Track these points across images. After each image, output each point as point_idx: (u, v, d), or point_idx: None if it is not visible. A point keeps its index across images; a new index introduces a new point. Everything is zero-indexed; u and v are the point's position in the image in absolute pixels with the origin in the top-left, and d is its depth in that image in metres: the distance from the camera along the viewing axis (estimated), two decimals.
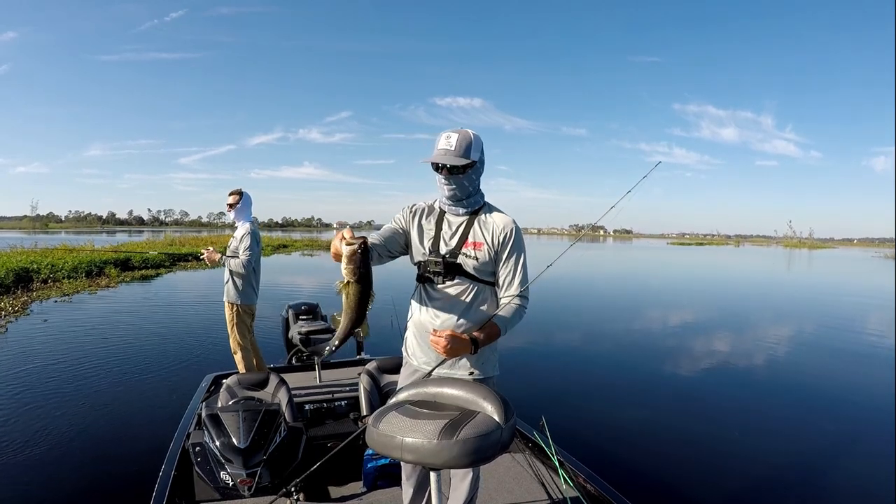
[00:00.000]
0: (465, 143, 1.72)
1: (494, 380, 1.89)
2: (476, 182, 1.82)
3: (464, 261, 1.78)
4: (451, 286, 1.79)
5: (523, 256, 1.83)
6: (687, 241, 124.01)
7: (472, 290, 1.79)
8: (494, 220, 1.81)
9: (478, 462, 1.38)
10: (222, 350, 6.33)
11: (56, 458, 3.62)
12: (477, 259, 1.78)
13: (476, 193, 1.84)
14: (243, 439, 2.36)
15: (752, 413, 5.15)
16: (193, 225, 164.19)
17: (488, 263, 1.79)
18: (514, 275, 1.81)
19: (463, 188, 1.77)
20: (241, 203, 4.15)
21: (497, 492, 2.37)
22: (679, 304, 13.38)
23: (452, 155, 1.70)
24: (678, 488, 3.54)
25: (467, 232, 1.80)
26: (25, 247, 18.13)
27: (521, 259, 1.81)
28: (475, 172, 1.78)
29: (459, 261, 1.78)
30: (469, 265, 1.78)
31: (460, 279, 1.79)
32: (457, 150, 1.70)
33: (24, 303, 10.16)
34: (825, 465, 4.08)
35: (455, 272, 1.78)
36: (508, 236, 1.79)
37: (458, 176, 1.74)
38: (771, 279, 23.16)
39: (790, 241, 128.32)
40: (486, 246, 1.78)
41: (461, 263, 1.78)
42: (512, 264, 1.80)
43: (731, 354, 7.63)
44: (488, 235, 1.79)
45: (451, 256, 1.79)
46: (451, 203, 1.82)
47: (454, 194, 1.78)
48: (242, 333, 4.13)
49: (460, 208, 1.82)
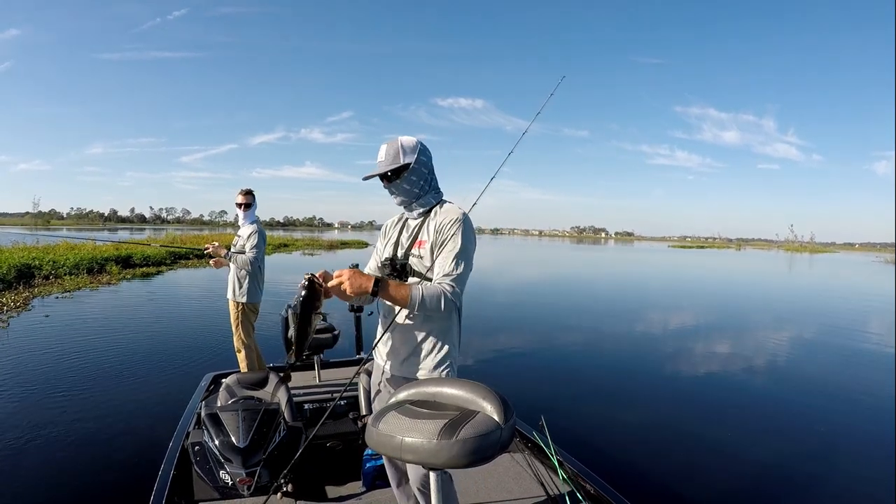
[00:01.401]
0: (392, 151, 1.81)
1: None
2: (420, 183, 1.86)
3: (413, 261, 1.83)
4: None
5: (459, 245, 1.75)
6: (688, 244, 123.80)
7: None
8: (439, 216, 1.83)
9: (478, 462, 1.38)
10: (222, 349, 6.35)
11: (55, 457, 3.63)
12: (422, 257, 1.82)
13: (426, 194, 1.88)
14: (243, 439, 2.35)
15: (750, 414, 5.15)
16: (195, 223, 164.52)
17: (432, 258, 1.80)
18: (445, 261, 1.74)
19: (407, 192, 1.85)
20: (253, 204, 4.17)
21: (497, 491, 2.37)
22: (679, 306, 13.38)
23: (384, 164, 1.81)
24: (678, 488, 3.54)
25: (418, 233, 1.86)
26: (27, 243, 18.16)
27: (455, 248, 1.75)
28: (415, 174, 1.83)
29: (410, 262, 1.84)
30: (417, 265, 1.83)
31: (413, 280, 1.82)
32: (386, 159, 1.81)
33: (26, 298, 10.19)
34: (824, 466, 4.07)
35: (406, 273, 1.83)
36: (447, 226, 1.78)
37: (395, 182, 1.83)
38: (770, 283, 23.13)
39: (791, 244, 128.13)
40: (428, 242, 1.82)
41: (411, 264, 1.83)
42: (446, 251, 1.76)
43: (730, 356, 7.62)
44: (432, 231, 1.82)
45: (403, 258, 1.85)
46: (404, 208, 1.91)
47: (402, 200, 1.88)
48: (247, 332, 4.13)
49: (414, 211, 1.89)
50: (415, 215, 1.90)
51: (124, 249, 18.11)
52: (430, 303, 1.69)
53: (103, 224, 74.39)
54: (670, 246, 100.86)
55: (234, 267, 4.07)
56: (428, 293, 1.70)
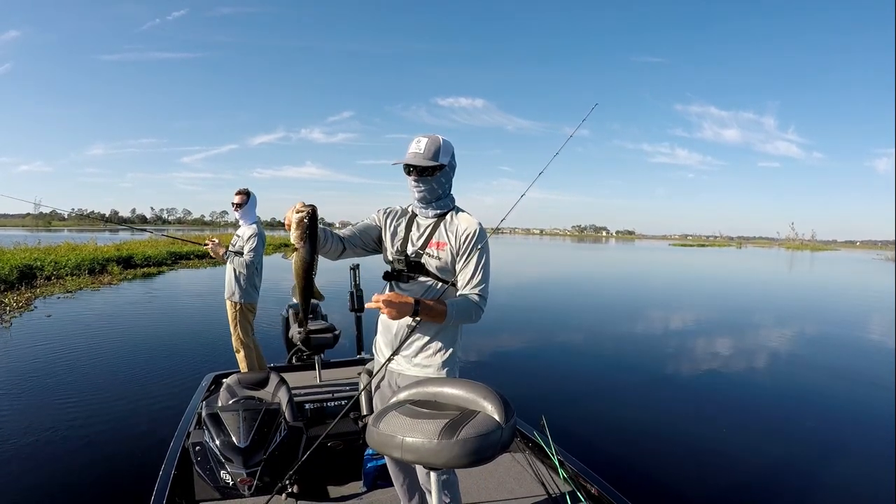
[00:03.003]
0: (433, 147, 1.78)
1: None
2: (446, 185, 1.88)
3: (427, 260, 1.84)
4: (416, 284, 1.84)
5: (485, 258, 1.84)
6: (689, 243, 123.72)
7: (435, 289, 1.84)
8: (459, 223, 1.86)
9: (478, 462, 1.38)
10: (223, 349, 6.34)
11: (56, 456, 3.63)
12: (439, 259, 1.83)
13: (445, 197, 1.89)
14: (243, 439, 2.35)
15: (751, 413, 5.14)
16: (196, 224, 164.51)
17: (451, 263, 1.83)
18: (473, 274, 1.82)
19: (432, 191, 1.84)
20: (247, 203, 4.16)
21: (497, 491, 2.37)
22: (680, 305, 13.36)
23: (422, 157, 1.77)
24: (679, 488, 3.53)
25: (433, 233, 1.86)
26: (29, 244, 18.19)
27: (481, 260, 1.83)
28: (444, 176, 1.84)
29: (423, 260, 1.84)
30: (432, 265, 1.83)
31: (424, 278, 1.83)
32: (426, 153, 1.77)
33: (28, 299, 10.24)
34: (825, 465, 4.06)
35: (418, 271, 1.84)
36: (471, 237, 1.82)
37: (427, 178, 1.81)
38: (770, 280, 23.10)
39: (792, 242, 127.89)
40: (449, 246, 1.83)
41: (424, 263, 1.84)
42: (473, 264, 1.82)
43: (731, 355, 7.61)
44: (452, 237, 1.84)
45: (416, 256, 1.85)
46: (421, 205, 1.88)
47: (423, 196, 1.85)
48: (245, 331, 4.13)
49: (430, 210, 1.88)
50: (430, 214, 1.88)
51: (125, 250, 18.16)
52: (465, 316, 1.78)
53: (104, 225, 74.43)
54: (671, 244, 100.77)
55: (231, 266, 4.08)
56: (462, 307, 1.77)
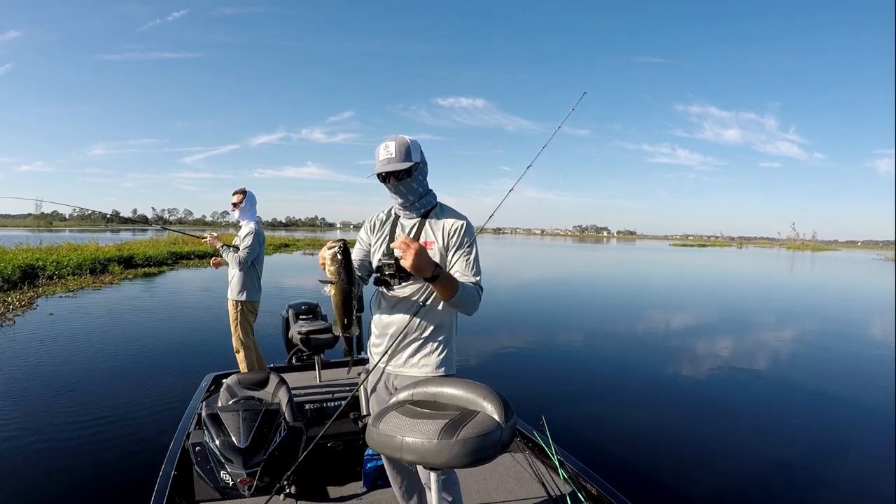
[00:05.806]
0: (403, 148, 1.76)
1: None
2: (424, 183, 1.86)
3: None
4: (407, 286, 1.82)
5: (475, 250, 1.83)
6: (690, 243, 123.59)
7: (426, 290, 1.81)
8: (445, 219, 1.84)
9: (478, 462, 1.38)
10: (223, 349, 6.34)
11: (56, 456, 3.63)
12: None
13: (427, 195, 1.88)
14: (243, 439, 2.35)
15: (752, 413, 5.13)
16: (197, 224, 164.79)
17: (440, 262, 1.79)
18: (466, 265, 1.79)
19: (412, 191, 1.82)
20: (245, 202, 4.17)
21: (497, 491, 2.37)
22: (680, 305, 13.35)
23: (395, 161, 1.75)
24: (679, 488, 3.53)
25: (419, 233, 1.84)
26: (31, 244, 18.23)
27: (472, 252, 1.81)
28: (420, 173, 1.82)
29: None
30: None
31: (415, 280, 1.79)
32: (398, 156, 1.75)
33: (31, 298, 10.29)
34: (826, 465, 4.06)
35: (409, 273, 1.75)
36: (458, 232, 1.81)
37: (405, 181, 1.78)
38: (770, 281, 23.08)
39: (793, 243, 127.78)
40: (437, 244, 1.81)
41: None
42: (466, 257, 1.80)
43: (732, 355, 7.60)
44: (439, 234, 1.82)
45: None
46: (404, 209, 1.86)
47: (406, 199, 1.83)
48: (246, 332, 4.13)
49: (413, 211, 1.86)
50: (413, 215, 1.87)
51: (126, 250, 18.18)
52: (469, 301, 1.73)
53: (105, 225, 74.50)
54: (672, 245, 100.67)
55: (231, 264, 4.11)
56: (469, 291, 1.73)
